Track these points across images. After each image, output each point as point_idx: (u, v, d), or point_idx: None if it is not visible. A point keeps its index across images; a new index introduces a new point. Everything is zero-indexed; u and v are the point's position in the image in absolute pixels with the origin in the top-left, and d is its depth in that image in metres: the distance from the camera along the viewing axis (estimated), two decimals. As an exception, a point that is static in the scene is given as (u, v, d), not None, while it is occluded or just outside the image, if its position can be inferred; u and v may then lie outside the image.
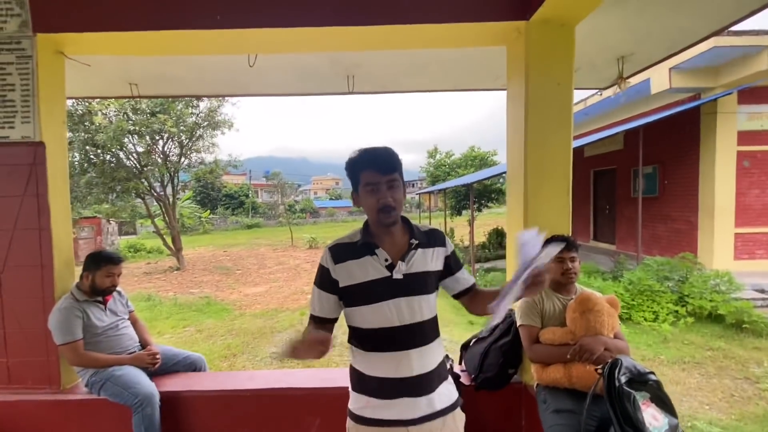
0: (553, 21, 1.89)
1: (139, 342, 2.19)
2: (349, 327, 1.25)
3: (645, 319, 5.51)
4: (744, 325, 5.02)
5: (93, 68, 2.57)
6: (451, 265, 1.30)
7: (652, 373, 1.35)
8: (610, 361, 1.37)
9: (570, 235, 1.88)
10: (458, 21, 1.96)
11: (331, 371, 2.43)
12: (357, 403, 1.23)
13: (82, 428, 2.05)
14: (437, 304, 1.28)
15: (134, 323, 2.28)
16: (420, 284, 1.20)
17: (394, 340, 1.17)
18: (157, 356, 2.12)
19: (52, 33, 1.99)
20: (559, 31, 1.92)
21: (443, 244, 1.29)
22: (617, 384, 1.28)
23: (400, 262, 1.18)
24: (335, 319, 1.24)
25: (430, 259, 1.23)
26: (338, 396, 2.01)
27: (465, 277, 1.33)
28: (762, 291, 6.00)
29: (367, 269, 1.17)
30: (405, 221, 1.27)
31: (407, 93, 3.26)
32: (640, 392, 1.29)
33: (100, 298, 2.07)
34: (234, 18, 1.91)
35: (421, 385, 1.18)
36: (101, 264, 2.03)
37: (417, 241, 1.22)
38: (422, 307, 1.19)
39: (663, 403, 1.31)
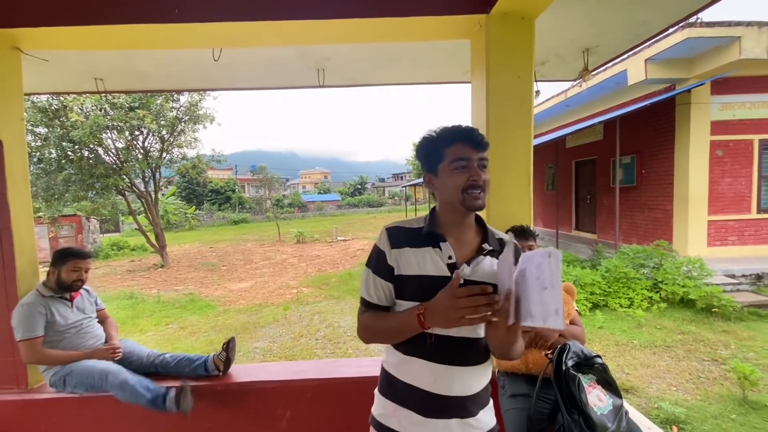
0: (512, 14, 1.91)
1: (105, 339, 2.18)
2: None
3: (621, 306, 5.68)
4: (714, 309, 5.22)
5: (55, 63, 2.52)
6: None
7: (599, 356, 1.41)
8: (559, 346, 1.42)
9: (531, 225, 1.92)
10: (422, 14, 1.96)
11: (299, 363, 2.46)
12: (383, 409, 1.09)
13: (51, 427, 2.03)
14: None
15: (103, 321, 2.27)
16: None
17: (437, 351, 1.01)
18: (118, 350, 2.09)
19: (6, 28, 1.94)
20: (520, 24, 1.94)
21: (516, 260, 1.06)
22: (564, 368, 1.33)
23: (464, 265, 1.02)
24: (389, 308, 1.07)
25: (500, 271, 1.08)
26: (308, 388, 2.06)
27: None
28: (732, 276, 6.22)
29: (426, 262, 1.02)
30: (479, 221, 1.12)
31: (378, 86, 3.26)
32: (586, 375, 1.35)
33: (67, 295, 2.06)
34: (192, 12, 1.89)
35: (459, 407, 1.03)
36: (67, 258, 2.02)
37: (490, 247, 1.05)
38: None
39: (608, 385, 1.37)
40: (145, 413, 2.00)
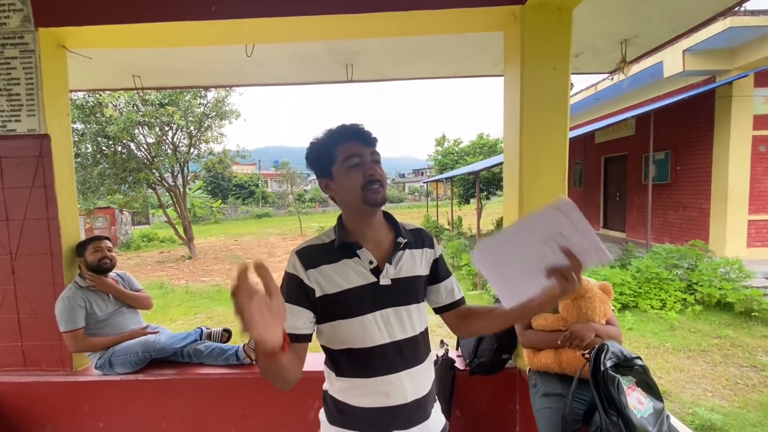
0: (549, 4, 1.86)
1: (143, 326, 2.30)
2: (324, 348, 1.04)
3: (652, 307, 5.48)
4: (753, 314, 4.97)
5: (96, 61, 2.62)
6: (439, 271, 1.10)
7: (639, 358, 1.37)
8: (597, 346, 1.38)
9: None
10: (454, 6, 1.93)
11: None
12: None
13: (94, 408, 2.15)
14: None
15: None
16: (410, 291, 1.03)
17: (384, 361, 0.97)
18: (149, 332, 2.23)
19: (53, 27, 2.03)
20: (556, 15, 1.88)
21: (431, 246, 1.11)
22: (602, 368, 1.30)
23: (387, 265, 0.99)
24: (309, 336, 0.99)
25: (419, 262, 1.06)
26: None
27: (453, 289, 1.12)
28: (774, 279, 5.89)
29: (349, 275, 0.97)
30: (388, 217, 1.09)
31: (407, 80, 3.24)
32: (625, 377, 1.31)
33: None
34: (228, 8, 1.92)
35: (416, 412, 1.00)
36: (86, 244, 2.14)
37: (405, 240, 1.04)
38: (413, 318, 1.02)
39: (649, 387, 1.32)
40: (180, 396, 2.09)
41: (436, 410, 1.07)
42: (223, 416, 2.13)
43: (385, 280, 0.99)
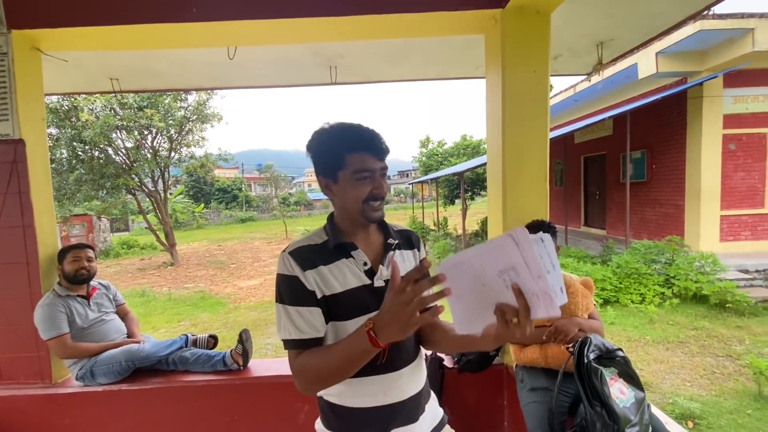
0: (528, 8, 1.91)
1: (127, 335, 2.23)
2: None
3: (632, 302, 5.65)
4: (727, 305, 5.17)
5: (72, 64, 2.56)
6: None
7: (620, 349, 1.41)
8: (580, 339, 1.42)
9: (549, 220, 1.92)
10: (435, 9, 1.96)
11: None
12: None
13: (76, 420, 2.08)
14: None
15: (124, 316, 2.32)
16: None
17: (385, 361, 0.95)
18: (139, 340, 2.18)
19: (27, 29, 1.97)
20: (535, 19, 1.93)
21: (418, 248, 1.12)
22: (586, 361, 1.34)
23: (381, 267, 0.99)
24: (323, 339, 0.95)
25: (408, 263, 1.07)
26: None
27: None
28: (746, 271, 6.14)
29: (345, 276, 0.96)
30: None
31: (391, 82, 3.26)
32: (608, 368, 1.35)
33: (83, 293, 2.10)
34: (210, 10, 1.91)
35: (413, 408, 1.01)
36: (66, 252, 2.08)
37: (396, 241, 1.04)
38: None
39: (630, 378, 1.37)
40: (166, 404, 2.05)
41: (431, 404, 1.08)
42: (211, 423, 2.09)
43: (379, 282, 0.98)
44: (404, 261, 1.05)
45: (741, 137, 7.08)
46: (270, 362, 2.34)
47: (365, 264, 0.98)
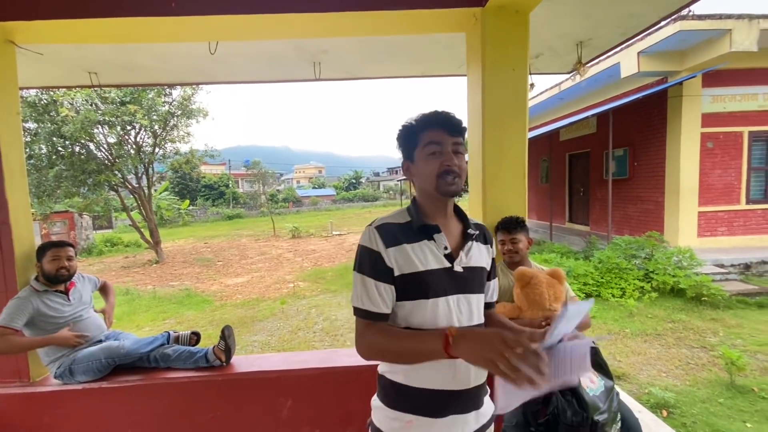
0: (507, 7, 1.94)
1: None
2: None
3: (613, 296, 5.78)
4: (703, 298, 5.34)
5: (48, 57, 2.50)
6: (491, 270, 1.14)
7: (591, 340, 1.46)
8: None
9: (525, 217, 1.97)
10: (417, 7, 1.98)
11: (300, 354, 2.49)
12: (393, 422, 1.02)
13: (55, 419, 2.06)
14: None
15: (102, 289, 2.38)
16: (477, 281, 1.05)
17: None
18: (86, 337, 2.08)
19: (1, 21, 1.93)
20: (514, 17, 1.96)
21: (492, 244, 1.15)
22: (558, 351, 1.38)
23: (461, 253, 1.02)
24: (389, 316, 1.00)
25: (484, 256, 1.09)
26: (309, 377, 2.10)
27: (494, 289, 1.18)
28: (721, 266, 6.35)
29: (427, 257, 0.98)
30: (456, 208, 1.12)
31: (375, 79, 3.27)
32: (579, 358, 1.39)
33: (61, 288, 2.08)
34: (190, 4, 1.89)
35: (474, 398, 1.03)
36: (46, 250, 2.04)
37: (476, 232, 1.08)
38: (479, 307, 1.05)
39: (600, 367, 1.42)
40: (147, 402, 2.04)
41: (487, 399, 1.10)
42: (194, 420, 2.09)
43: (458, 267, 1.01)
44: (480, 252, 1.08)
45: (718, 136, 7.28)
46: (253, 358, 2.34)
47: (446, 248, 1.01)
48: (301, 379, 2.09)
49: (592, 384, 1.35)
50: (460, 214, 1.12)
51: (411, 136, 1.03)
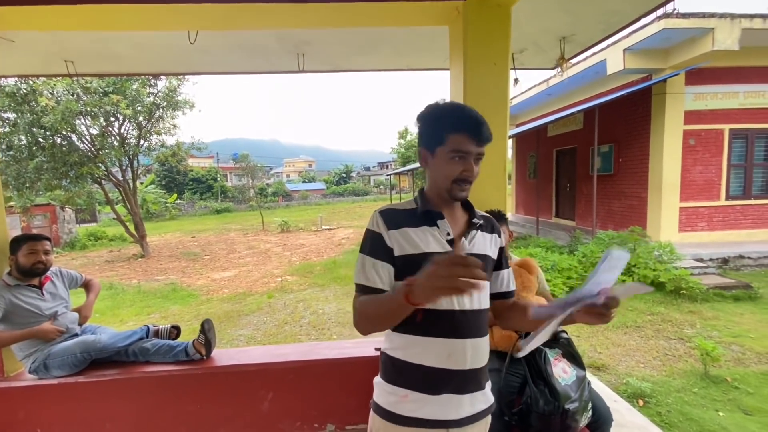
0: (490, 1, 1.94)
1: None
2: None
3: (596, 289, 5.88)
4: (682, 291, 5.47)
5: (22, 44, 2.43)
6: (502, 259, 1.16)
7: (564, 331, 1.49)
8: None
9: (506, 211, 1.99)
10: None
11: (281, 347, 2.49)
12: (390, 397, 1.06)
13: (30, 414, 2.03)
14: None
15: (87, 285, 2.32)
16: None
17: (451, 326, 1.01)
18: (63, 332, 2.07)
19: (-32, 6, 1.86)
20: (497, 11, 1.97)
21: (499, 234, 1.17)
22: (531, 342, 1.41)
23: (463, 239, 1.06)
24: (384, 292, 1.04)
25: (489, 245, 1.11)
26: (290, 370, 2.10)
27: (509, 279, 1.18)
28: (700, 260, 6.51)
29: (428, 239, 1.02)
30: (464, 202, 1.15)
31: (360, 72, 3.25)
32: (552, 349, 1.43)
33: (35, 282, 2.04)
34: (167, -8, 1.85)
35: (470, 380, 1.04)
36: (21, 243, 2.00)
37: (480, 222, 1.11)
38: (481, 293, 1.06)
39: (573, 357, 1.45)
40: (125, 396, 2.02)
41: (487, 388, 1.11)
42: (174, 413, 2.08)
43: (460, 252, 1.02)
44: (485, 241, 1.11)
45: (700, 133, 7.43)
46: (234, 351, 2.33)
47: (448, 234, 1.04)
48: (282, 372, 2.09)
49: (564, 374, 1.38)
50: (466, 205, 1.14)
51: (438, 132, 1.02)
